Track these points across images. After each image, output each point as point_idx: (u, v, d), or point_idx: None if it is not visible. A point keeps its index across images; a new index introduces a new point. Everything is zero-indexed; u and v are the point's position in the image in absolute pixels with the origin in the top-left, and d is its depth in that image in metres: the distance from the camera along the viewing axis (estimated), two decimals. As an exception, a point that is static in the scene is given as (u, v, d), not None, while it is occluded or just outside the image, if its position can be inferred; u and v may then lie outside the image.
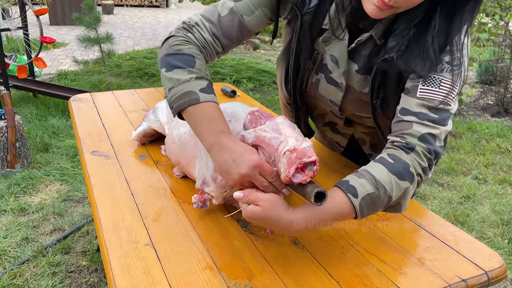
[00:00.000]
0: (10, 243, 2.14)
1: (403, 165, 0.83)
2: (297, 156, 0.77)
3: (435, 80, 0.87)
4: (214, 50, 0.98)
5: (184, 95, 0.86)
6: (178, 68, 0.88)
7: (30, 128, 3.53)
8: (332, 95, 1.05)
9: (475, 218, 2.60)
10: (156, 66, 5.72)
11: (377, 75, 0.94)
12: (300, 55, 1.02)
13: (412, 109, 0.87)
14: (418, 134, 0.85)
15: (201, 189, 0.95)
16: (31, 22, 4.49)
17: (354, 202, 0.79)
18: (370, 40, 0.95)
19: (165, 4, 14.38)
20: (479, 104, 4.96)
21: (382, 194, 0.80)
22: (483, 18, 4.02)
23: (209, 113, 0.85)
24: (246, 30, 0.99)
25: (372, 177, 0.81)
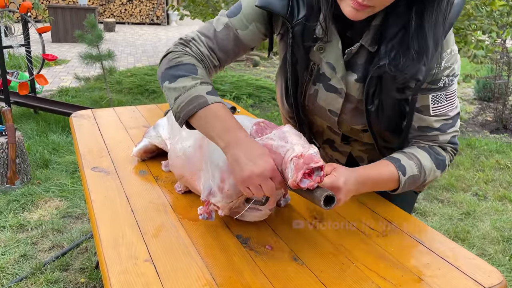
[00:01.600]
0: (8, 260, 2.12)
1: (443, 157, 1.02)
2: (304, 162, 0.78)
3: (441, 97, 0.98)
4: (211, 63, 1.00)
5: (192, 100, 0.87)
6: (181, 77, 0.90)
7: (31, 144, 3.54)
8: (331, 104, 1.06)
9: (476, 235, 2.59)
10: (157, 83, 5.76)
11: (372, 81, 0.96)
12: (296, 66, 1.04)
13: (432, 126, 1.00)
14: (446, 141, 1.02)
15: (207, 201, 0.95)
16: (33, 39, 4.55)
17: (401, 179, 0.97)
18: (362, 49, 0.97)
19: (166, 22, 14.55)
20: (477, 120, 4.98)
21: (422, 177, 0.99)
22: (480, 36, 4.07)
23: (220, 113, 0.86)
24: (241, 44, 1.01)
25: (419, 162, 0.98)
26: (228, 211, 0.95)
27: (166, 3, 14.13)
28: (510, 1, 3.74)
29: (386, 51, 0.92)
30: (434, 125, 1.00)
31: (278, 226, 1.00)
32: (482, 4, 3.68)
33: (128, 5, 14.09)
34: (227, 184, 0.90)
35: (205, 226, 0.99)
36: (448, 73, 0.97)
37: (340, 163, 1.28)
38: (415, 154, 0.99)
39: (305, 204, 1.10)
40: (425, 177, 0.99)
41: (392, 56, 0.91)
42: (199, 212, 0.97)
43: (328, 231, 0.99)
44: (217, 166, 0.93)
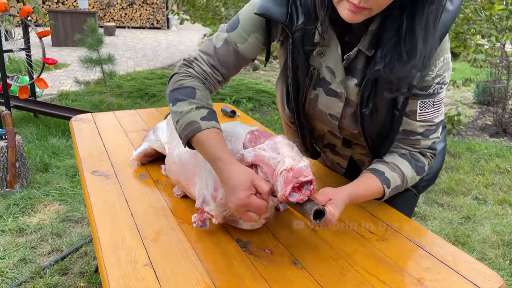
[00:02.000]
0: (7, 264, 2.12)
1: (422, 164, 1.06)
2: (294, 175, 0.78)
3: (429, 104, 1.01)
4: (215, 80, 1.03)
5: (187, 125, 0.91)
6: (180, 101, 0.94)
7: (30, 148, 3.54)
8: (332, 108, 1.06)
9: (476, 239, 2.58)
10: (156, 87, 5.77)
11: (368, 85, 0.98)
12: (297, 71, 1.05)
13: (416, 130, 1.03)
14: (427, 146, 1.05)
15: (201, 208, 0.95)
16: (33, 43, 4.56)
17: (386, 191, 1.01)
18: (361, 54, 0.98)
19: (166, 26, 14.59)
20: (477, 124, 4.99)
21: (404, 186, 1.04)
22: (480, 40, 4.08)
23: (209, 138, 0.90)
24: (241, 57, 1.03)
25: (401, 172, 1.03)
26: (222, 219, 0.95)
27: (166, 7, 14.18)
28: (509, 5, 3.76)
29: (382, 55, 0.93)
30: (418, 130, 1.03)
31: (278, 230, 1.00)
32: (481, 8, 3.69)
33: (128, 9, 14.14)
34: (220, 194, 0.90)
35: (204, 230, 0.98)
36: (439, 81, 0.99)
37: (342, 167, 1.28)
38: (397, 165, 1.03)
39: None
40: (406, 185, 1.05)
41: (387, 60, 0.92)
42: (193, 220, 0.97)
43: (328, 235, 0.99)
44: (210, 174, 0.93)
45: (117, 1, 14.05)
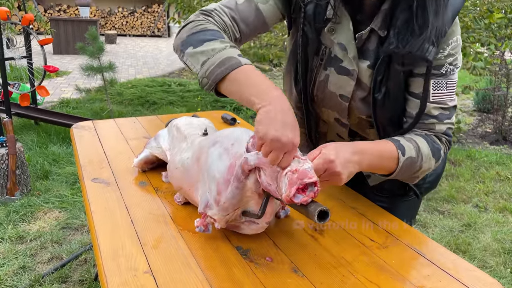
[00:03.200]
0: (7, 272, 2.11)
1: (439, 146, 1.02)
2: (298, 177, 0.79)
3: (442, 84, 1.00)
4: (232, 35, 1.00)
5: (223, 62, 0.84)
6: (209, 41, 0.87)
7: (31, 155, 3.55)
8: (343, 88, 1.05)
9: (477, 247, 2.57)
10: (157, 94, 5.78)
11: (381, 68, 0.98)
12: (307, 48, 1.05)
13: (430, 113, 1.01)
14: (441, 131, 1.03)
15: (204, 213, 0.95)
16: (35, 51, 4.58)
17: (401, 159, 0.96)
18: (373, 34, 0.99)
19: (167, 34, 14.67)
20: (477, 132, 4.99)
21: (418, 162, 0.98)
22: (479, 48, 4.10)
23: (254, 74, 0.84)
24: (261, 18, 1.03)
25: (417, 145, 0.98)
26: (224, 224, 0.95)
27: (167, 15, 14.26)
28: (508, 13, 3.78)
29: (395, 34, 0.94)
30: (432, 112, 1.01)
31: (278, 237, 1.00)
32: (480, 17, 3.71)
33: (130, 17, 14.22)
34: (223, 197, 0.90)
35: (205, 237, 0.98)
36: (451, 61, 0.99)
37: None
38: (413, 138, 1.00)
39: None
40: (421, 163, 0.99)
41: (401, 37, 0.94)
42: (196, 225, 0.97)
43: (328, 242, 0.99)
44: (213, 179, 0.93)
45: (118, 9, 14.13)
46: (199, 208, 0.96)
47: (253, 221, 0.95)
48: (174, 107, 5.40)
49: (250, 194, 0.91)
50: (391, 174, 0.99)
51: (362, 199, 1.20)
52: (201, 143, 1.04)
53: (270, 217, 0.94)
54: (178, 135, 1.21)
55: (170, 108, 5.36)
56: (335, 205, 1.17)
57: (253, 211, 0.92)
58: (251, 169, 0.88)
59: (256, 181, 0.89)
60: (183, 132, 1.18)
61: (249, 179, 0.89)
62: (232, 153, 0.92)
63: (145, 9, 14.33)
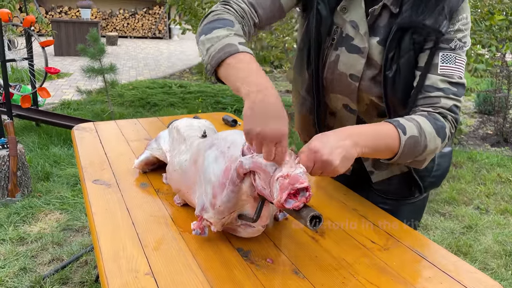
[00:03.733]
0: (7, 273, 2.11)
1: (442, 124, 0.97)
2: (290, 182, 0.78)
3: (451, 57, 0.99)
4: (251, 20, 1.03)
5: (223, 48, 0.86)
6: (217, 29, 0.91)
7: (32, 156, 3.55)
8: (353, 67, 1.06)
9: (478, 249, 2.57)
10: (158, 96, 5.79)
11: (392, 44, 0.99)
12: (320, 27, 1.06)
13: (437, 85, 0.99)
14: (447, 106, 0.99)
15: (200, 216, 0.95)
16: (36, 53, 4.59)
17: (402, 138, 0.91)
18: (385, 10, 1.01)
19: (168, 36, 14.69)
20: (478, 133, 4.99)
21: (422, 141, 0.94)
22: (480, 50, 4.10)
23: (247, 61, 0.85)
24: (277, 2, 1.05)
25: (418, 124, 0.94)
26: (220, 227, 0.95)
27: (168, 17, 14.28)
28: (509, 15, 3.78)
29: (408, 7, 0.96)
30: (438, 84, 0.99)
31: (278, 239, 1.00)
32: (481, 18, 3.72)
33: (131, 19, 14.24)
34: (219, 201, 0.90)
35: (205, 239, 0.98)
36: (461, 37, 0.99)
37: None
38: (413, 118, 0.97)
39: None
40: (426, 142, 0.94)
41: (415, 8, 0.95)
42: (192, 227, 0.97)
43: (329, 244, 0.99)
44: (209, 182, 0.93)
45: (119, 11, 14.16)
46: (195, 211, 0.96)
47: (249, 224, 0.95)
48: (175, 109, 5.41)
49: (245, 198, 0.91)
50: (394, 156, 0.94)
51: (363, 201, 1.20)
52: (199, 146, 1.04)
53: (266, 220, 0.94)
54: (178, 137, 1.21)
55: (171, 109, 5.37)
56: (336, 206, 1.17)
57: (249, 214, 0.92)
58: (246, 172, 0.88)
59: (251, 185, 0.88)
60: (183, 134, 1.18)
61: (244, 183, 0.89)
62: (228, 156, 0.92)
63: (146, 11, 14.35)
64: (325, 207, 1.17)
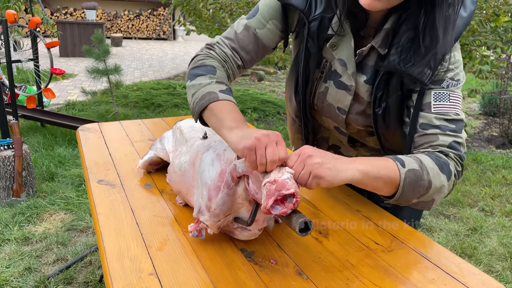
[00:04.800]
0: (12, 273, 2.12)
1: (445, 161, 0.92)
2: (276, 188, 0.77)
3: (445, 96, 0.96)
4: (235, 63, 1.07)
5: (204, 96, 0.94)
6: (200, 76, 0.98)
7: (37, 157, 3.57)
8: (340, 101, 1.07)
9: (483, 251, 2.56)
10: (162, 97, 5.81)
11: (380, 84, 0.99)
12: (309, 61, 1.07)
13: (432, 123, 0.96)
14: (446, 143, 0.94)
15: (197, 218, 0.95)
16: (41, 54, 4.61)
17: (401, 170, 0.87)
18: (373, 51, 1.00)
19: (172, 37, 14.72)
20: (483, 135, 4.97)
21: (425, 176, 0.88)
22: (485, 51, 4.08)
23: (229, 107, 0.92)
24: (261, 43, 1.08)
25: (418, 159, 0.90)
26: (216, 229, 0.95)
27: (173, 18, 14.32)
28: (514, 17, 3.76)
29: (396, 51, 0.94)
30: (433, 122, 0.96)
31: (282, 240, 1.00)
32: (486, 20, 3.70)
33: (135, 20, 14.29)
34: (214, 203, 0.90)
35: (209, 239, 0.99)
36: (452, 76, 0.96)
37: None
38: (413, 154, 0.94)
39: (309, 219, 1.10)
40: (429, 178, 0.89)
41: (403, 56, 0.94)
42: (189, 230, 0.97)
43: (333, 245, 0.99)
44: (205, 185, 0.93)
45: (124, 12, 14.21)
46: (193, 213, 0.96)
47: (245, 227, 0.95)
48: (179, 110, 5.42)
49: (241, 201, 0.91)
50: (396, 192, 0.89)
51: (367, 202, 1.20)
52: (198, 147, 1.05)
53: (262, 223, 0.94)
54: (180, 138, 1.22)
55: (175, 110, 5.38)
56: (340, 208, 1.17)
57: (245, 217, 0.92)
58: (240, 176, 0.88)
59: (246, 189, 0.89)
60: (185, 135, 1.19)
61: (239, 186, 0.89)
62: (224, 159, 0.92)
63: (150, 12, 14.40)
64: (329, 208, 1.17)
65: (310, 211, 1.15)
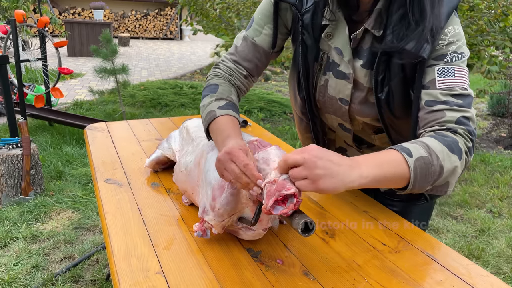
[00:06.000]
0: (20, 271, 2.14)
1: (453, 139, 0.87)
2: (276, 188, 0.76)
3: (449, 70, 0.92)
4: (240, 74, 1.13)
5: (207, 115, 1.01)
6: (205, 97, 1.06)
7: (45, 156, 3.59)
8: (341, 91, 1.07)
9: (491, 253, 2.54)
10: (169, 97, 5.82)
11: (380, 66, 0.98)
12: (307, 54, 1.08)
13: (438, 99, 0.91)
14: (454, 119, 0.89)
15: (202, 218, 0.95)
16: (50, 53, 4.65)
17: (409, 161, 0.81)
18: (368, 33, 1.00)
19: (179, 37, 14.76)
20: (491, 136, 4.93)
21: (435, 161, 0.83)
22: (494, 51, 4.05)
23: (222, 125, 0.97)
24: (261, 49, 1.12)
25: (424, 144, 0.84)
26: (221, 229, 0.95)
27: (180, 18, 14.36)
28: (523, 17, 3.72)
29: (391, 31, 0.94)
30: (439, 98, 0.91)
31: (289, 240, 1.00)
32: (495, 20, 3.67)
33: (143, 20, 14.35)
34: (218, 203, 0.90)
35: (216, 239, 0.99)
36: (455, 49, 0.93)
37: None
38: (418, 139, 0.88)
39: (315, 219, 1.10)
40: (440, 162, 0.83)
41: (396, 32, 0.93)
42: (194, 229, 0.97)
43: (340, 246, 0.98)
44: (209, 184, 0.93)
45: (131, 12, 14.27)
46: (198, 213, 0.97)
47: (249, 227, 0.95)
48: (185, 109, 5.44)
49: (245, 201, 0.91)
50: (408, 184, 0.83)
51: (374, 203, 1.19)
52: (203, 147, 1.05)
53: (267, 224, 0.94)
54: (187, 137, 1.22)
55: (182, 110, 5.40)
56: (347, 208, 1.16)
57: (249, 217, 0.92)
58: None
59: None
60: (191, 135, 1.19)
61: None
62: None
63: (158, 12, 14.44)
64: (335, 208, 1.16)
65: (316, 211, 1.15)
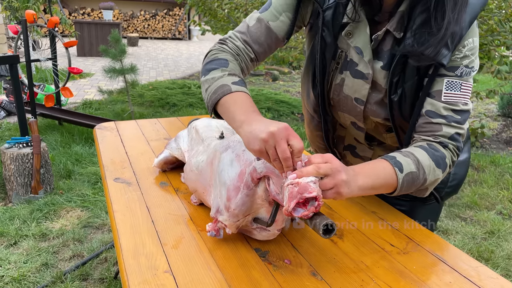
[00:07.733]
0: (30, 268, 2.16)
1: (442, 155, 0.96)
2: (299, 191, 0.76)
3: (456, 84, 0.97)
4: (247, 56, 1.07)
5: (218, 89, 0.93)
6: (213, 70, 0.98)
7: (55, 155, 3.63)
8: (358, 91, 1.06)
9: (500, 255, 2.51)
10: (177, 96, 5.85)
11: (397, 69, 0.98)
12: (325, 51, 1.06)
13: (439, 112, 0.97)
14: (448, 135, 0.97)
15: (215, 218, 0.95)
16: (59, 53, 4.69)
17: (399, 176, 0.90)
18: (389, 35, 0.99)
19: (187, 37, 14.81)
20: (501, 137, 4.88)
21: (421, 176, 0.93)
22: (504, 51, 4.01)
23: (241, 99, 0.91)
24: (274, 35, 1.07)
25: (415, 158, 0.93)
26: (235, 229, 0.95)
27: (188, 18, 14.41)
28: (535, 16, 3.68)
29: (412, 34, 0.94)
30: (441, 112, 0.96)
31: (297, 240, 1.00)
32: (505, 19, 3.63)
33: (151, 20, 14.42)
34: (233, 204, 0.90)
35: (224, 239, 0.99)
36: (467, 64, 0.96)
37: None
38: (411, 152, 0.95)
39: (324, 219, 1.10)
40: (425, 176, 0.94)
41: (417, 36, 0.93)
42: (207, 229, 0.97)
43: (348, 247, 0.98)
44: (224, 185, 0.93)
45: (140, 12, 14.35)
46: (211, 213, 0.97)
47: (265, 228, 0.95)
48: (194, 109, 5.45)
49: (260, 202, 0.91)
50: (393, 192, 0.94)
51: (382, 204, 1.19)
52: (216, 147, 1.05)
53: (281, 224, 0.94)
54: (196, 137, 1.22)
55: (190, 110, 5.41)
56: (355, 209, 1.16)
57: (264, 218, 0.92)
58: (260, 177, 0.87)
59: (266, 189, 0.88)
60: (201, 135, 1.19)
61: (259, 187, 0.89)
62: (243, 159, 0.92)
63: (166, 12, 14.50)
64: (344, 209, 1.16)
65: (325, 212, 1.14)
